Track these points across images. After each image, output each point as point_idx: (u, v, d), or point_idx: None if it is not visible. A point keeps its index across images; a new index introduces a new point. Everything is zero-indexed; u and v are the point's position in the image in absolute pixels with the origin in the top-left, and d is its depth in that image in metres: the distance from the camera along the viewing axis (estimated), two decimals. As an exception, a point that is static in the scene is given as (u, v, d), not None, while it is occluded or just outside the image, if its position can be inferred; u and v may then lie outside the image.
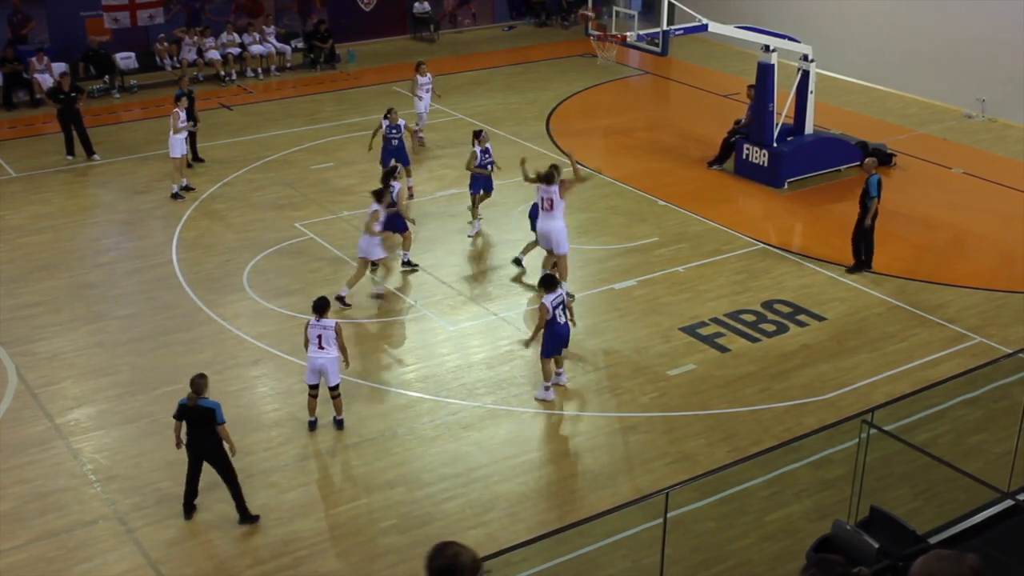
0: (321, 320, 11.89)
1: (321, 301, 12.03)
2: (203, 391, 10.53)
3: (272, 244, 16.91)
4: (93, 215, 18.52)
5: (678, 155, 21.14)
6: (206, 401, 10.50)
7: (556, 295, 12.48)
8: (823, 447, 11.71)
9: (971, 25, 23.29)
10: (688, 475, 11.15)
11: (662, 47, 19.01)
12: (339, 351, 11.99)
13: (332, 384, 12.08)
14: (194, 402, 10.47)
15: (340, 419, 12.26)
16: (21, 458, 11.65)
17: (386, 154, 18.16)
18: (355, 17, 29.59)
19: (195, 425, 10.54)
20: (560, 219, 14.79)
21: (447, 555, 5.13)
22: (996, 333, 14.31)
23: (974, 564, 4.17)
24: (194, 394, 10.49)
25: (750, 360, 13.68)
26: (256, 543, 10.39)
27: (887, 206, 18.58)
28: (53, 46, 25.09)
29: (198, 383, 10.55)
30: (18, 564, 10.08)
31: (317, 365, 11.95)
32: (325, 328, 11.88)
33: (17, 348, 13.86)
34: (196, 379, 10.60)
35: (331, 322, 11.98)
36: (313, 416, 12.21)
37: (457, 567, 5.10)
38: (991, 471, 10.97)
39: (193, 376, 10.61)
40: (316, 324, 11.89)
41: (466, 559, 5.12)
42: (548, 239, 14.91)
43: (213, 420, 10.44)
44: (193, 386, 10.53)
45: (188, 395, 10.52)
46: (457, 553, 5.13)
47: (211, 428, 10.46)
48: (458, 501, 11.00)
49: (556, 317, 12.45)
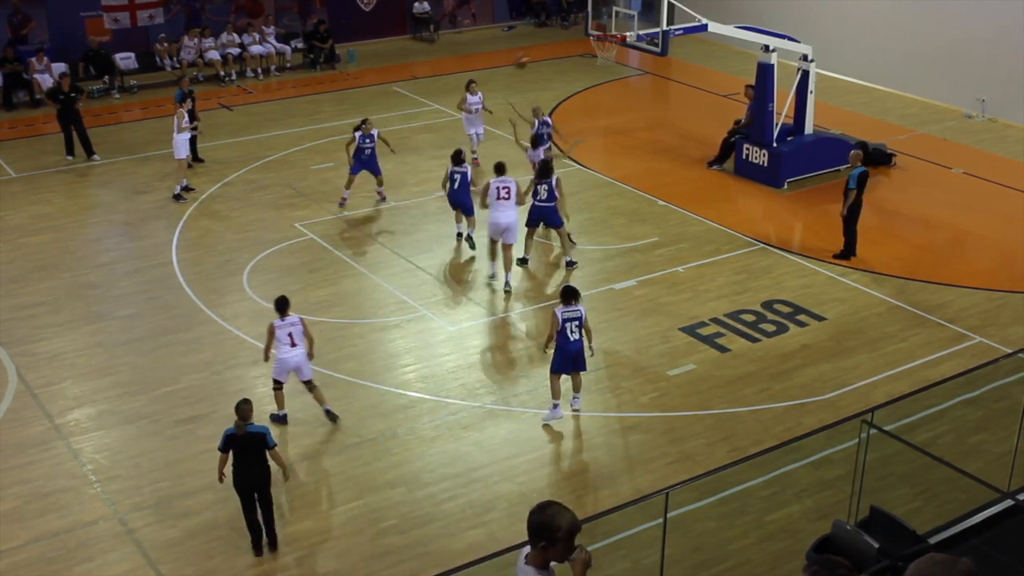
0: (286, 318, 11.94)
1: (282, 300, 12.07)
2: (250, 416, 9.97)
3: (272, 244, 16.92)
4: (93, 215, 18.53)
5: (678, 155, 21.15)
6: (255, 427, 10.01)
7: (571, 308, 11.89)
8: (823, 447, 11.71)
9: (971, 25, 23.29)
10: (688, 475, 11.15)
11: (662, 47, 19.00)
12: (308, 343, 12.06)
13: (307, 378, 12.14)
14: (243, 430, 9.91)
15: (330, 408, 12.33)
16: (21, 458, 11.66)
17: (358, 163, 17.97)
18: (355, 17, 29.60)
19: (245, 454, 9.95)
20: (516, 210, 15.18)
21: (547, 514, 5.43)
22: (996, 333, 14.31)
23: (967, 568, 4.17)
24: (242, 421, 9.90)
25: (750, 360, 13.68)
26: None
27: (887, 206, 18.65)
28: (53, 46, 25.10)
29: (244, 409, 9.94)
30: (18, 564, 10.08)
31: (292, 364, 11.99)
32: (293, 325, 11.95)
33: (17, 348, 13.87)
34: (242, 405, 9.97)
35: (296, 317, 12.06)
36: (284, 409, 12.26)
37: (553, 526, 5.37)
38: (991, 471, 10.98)
39: (238, 403, 10.03)
40: (283, 323, 11.92)
41: (563, 520, 5.39)
42: (510, 230, 15.17)
43: (264, 446, 9.98)
44: (240, 413, 9.93)
45: (235, 423, 9.92)
46: (555, 513, 5.41)
47: (262, 455, 9.98)
48: (458, 501, 11.00)
49: (567, 332, 11.88)
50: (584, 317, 12.01)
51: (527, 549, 5.66)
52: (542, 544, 5.43)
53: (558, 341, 11.98)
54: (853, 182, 16.06)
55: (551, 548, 5.43)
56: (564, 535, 5.38)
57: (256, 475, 10.03)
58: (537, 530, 5.43)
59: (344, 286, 15.61)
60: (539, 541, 5.44)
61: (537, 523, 5.43)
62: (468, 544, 10.31)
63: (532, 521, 5.45)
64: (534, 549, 5.52)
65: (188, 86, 20.01)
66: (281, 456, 10.35)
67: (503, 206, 15.12)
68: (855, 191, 16.06)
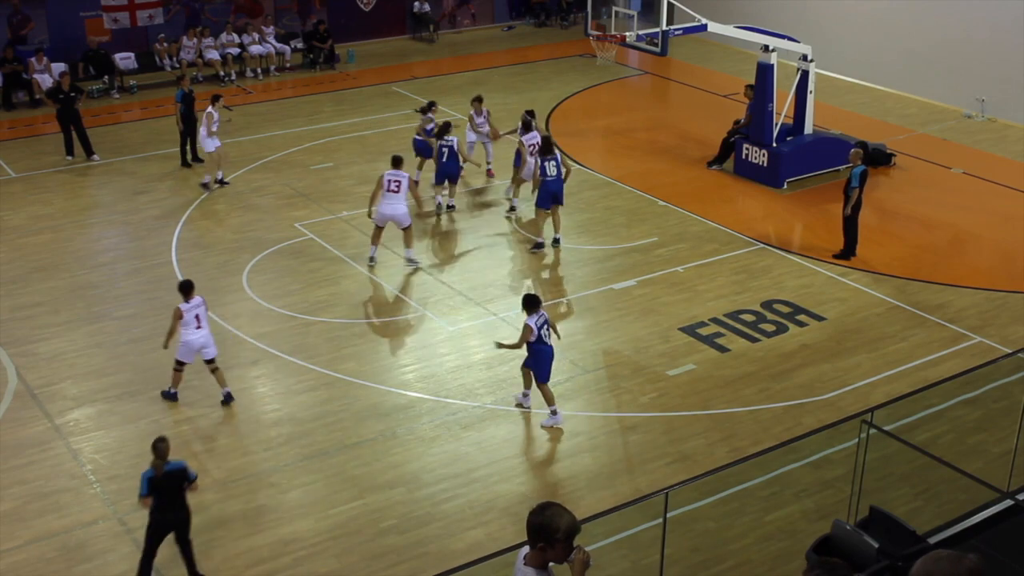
0: (192, 300, 12.41)
1: (186, 283, 12.54)
2: (166, 455, 9.46)
3: (272, 244, 16.91)
4: (93, 215, 18.52)
5: (678, 155, 21.15)
6: (172, 464, 9.49)
7: (540, 316, 11.98)
8: (823, 447, 11.72)
9: (970, 25, 23.30)
10: (688, 475, 11.16)
11: (661, 47, 19.01)
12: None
13: (212, 357, 12.57)
14: (161, 470, 9.41)
15: (228, 391, 12.64)
16: (21, 458, 11.65)
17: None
18: (354, 17, 29.60)
19: (165, 495, 9.43)
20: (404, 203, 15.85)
21: (546, 515, 5.46)
22: (996, 333, 14.32)
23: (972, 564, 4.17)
24: (159, 460, 9.40)
25: (750, 360, 13.68)
26: (256, 543, 10.39)
27: (887, 206, 18.65)
28: (53, 46, 25.10)
29: (161, 448, 9.44)
30: (18, 564, 10.08)
31: (198, 345, 12.44)
32: (198, 307, 12.44)
33: (17, 348, 13.86)
34: (158, 444, 9.46)
35: (200, 299, 12.53)
36: (175, 388, 12.65)
37: (552, 527, 5.40)
38: (991, 471, 10.98)
39: (155, 441, 9.54)
40: (188, 306, 12.38)
41: (562, 522, 5.41)
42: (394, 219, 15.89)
43: (184, 480, 9.51)
44: (156, 451, 9.43)
45: (152, 463, 9.41)
46: (555, 514, 5.44)
47: (182, 494, 9.52)
48: (458, 501, 11.00)
49: (543, 338, 11.99)
50: (548, 318, 12.21)
51: (526, 549, 5.66)
52: (541, 545, 5.44)
53: (540, 349, 11.98)
54: (856, 180, 16.06)
55: (550, 549, 5.44)
56: (563, 536, 5.39)
57: (178, 517, 9.61)
58: (536, 531, 5.44)
59: (344, 286, 15.60)
60: (538, 542, 5.45)
61: (536, 524, 5.43)
62: (468, 544, 10.32)
63: (531, 522, 5.46)
64: (533, 549, 5.52)
65: (189, 86, 20.01)
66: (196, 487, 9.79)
67: (394, 198, 15.81)
68: (857, 189, 16.07)
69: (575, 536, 5.43)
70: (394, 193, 15.78)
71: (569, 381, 13.20)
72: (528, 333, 11.87)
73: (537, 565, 5.56)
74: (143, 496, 9.49)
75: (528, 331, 11.87)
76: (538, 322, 11.92)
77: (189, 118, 19.85)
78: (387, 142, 21.65)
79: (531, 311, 11.95)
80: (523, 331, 11.97)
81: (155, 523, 9.57)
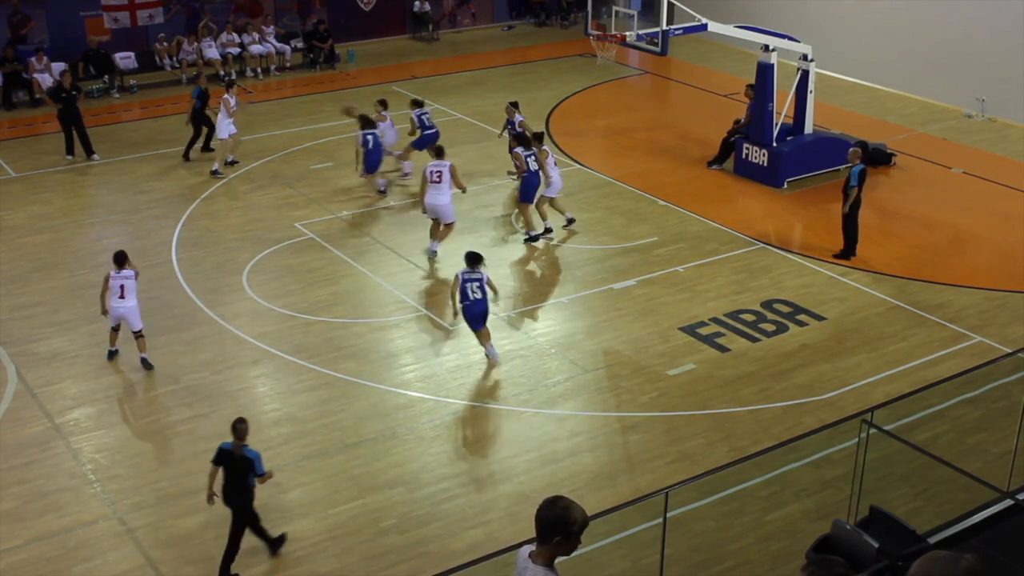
0: (121, 272, 13.04)
1: (120, 253, 13.16)
2: (245, 437, 9.73)
3: (272, 244, 16.91)
4: (93, 215, 18.52)
5: (678, 155, 21.15)
6: (248, 451, 9.77)
7: (473, 272, 13.10)
8: (823, 447, 11.71)
9: (970, 25, 23.30)
10: (687, 475, 11.16)
11: (661, 47, 19.00)
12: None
13: (136, 329, 13.17)
14: (239, 451, 9.72)
15: (145, 357, 13.23)
16: (21, 458, 11.65)
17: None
18: (354, 17, 29.60)
19: (231, 475, 9.80)
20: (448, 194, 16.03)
21: (558, 507, 5.42)
22: (996, 333, 14.32)
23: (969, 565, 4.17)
24: (238, 441, 9.71)
25: (750, 360, 13.68)
26: (256, 543, 10.38)
27: (887, 206, 18.65)
28: (53, 46, 25.10)
29: (240, 429, 9.71)
30: (18, 564, 10.08)
31: (119, 314, 13.08)
32: (126, 279, 13.03)
33: (17, 348, 13.86)
34: (238, 424, 9.73)
35: (131, 272, 13.13)
36: (114, 347, 13.40)
37: (569, 519, 5.37)
38: (991, 471, 10.98)
39: (235, 422, 9.78)
40: (117, 276, 13.02)
41: (577, 513, 5.39)
42: (437, 212, 16.14)
43: (250, 472, 9.76)
44: (236, 432, 9.72)
45: (233, 443, 9.74)
46: (568, 507, 5.40)
47: (247, 480, 9.77)
48: (458, 501, 11.00)
49: (467, 293, 13.00)
50: (486, 278, 13.17)
51: (528, 548, 5.63)
52: (557, 539, 5.39)
53: (462, 302, 13.08)
54: (855, 179, 16.08)
55: (565, 542, 5.39)
56: (579, 528, 5.36)
57: (234, 502, 9.83)
58: (552, 524, 5.38)
59: (344, 286, 15.60)
60: (554, 535, 5.39)
61: (552, 518, 5.37)
62: (468, 544, 10.32)
63: (545, 516, 5.39)
64: (546, 544, 5.45)
65: (205, 83, 20.23)
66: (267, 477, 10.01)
67: (435, 190, 16.00)
68: (856, 188, 16.09)
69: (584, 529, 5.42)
70: (436, 184, 15.99)
71: (569, 381, 13.20)
72: (454, 283, 13.21)
73: (547, 561, 5.52)
74: (212, 463, 9.85)
75: (455, 281, 13.20)
76: (465, 276, 13.11)
77: (202, 115, 20.02)
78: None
79: (468, 265, 13.22)
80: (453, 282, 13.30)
81: (224, 496, 9.90)
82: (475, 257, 13.29)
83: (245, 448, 9.74)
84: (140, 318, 13.21)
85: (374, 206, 18.42)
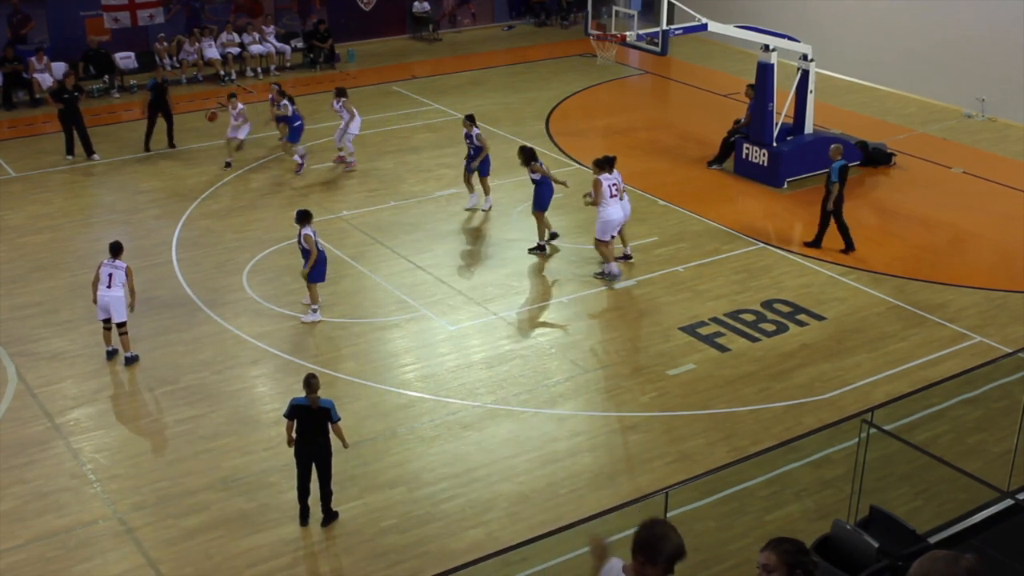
0: (114, 261, 13.20)
1: (115, 244, 13.37)
2: (317, 390, 10.31)
3: (272, 244, 16.91)
4: (93, 215, 18.52)
5: (678, 155, 21.15)
6: (324, 401, 10.36)
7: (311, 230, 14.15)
8: (823, 447, 11.71)
9: (970, 24, 23.30)
10: (688, 475, 11.16)
11: (662, 47, 19.00)
12: (129, 293, 13.22)
13: (119, 321, 13.26)
14: (316, 404, 10.26)
15: (129, 355, 13.31)
16: (21, 458, 11.65)
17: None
18: (354, 17, 29.60)
19: (308, 426, 10.30)
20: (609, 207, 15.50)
21: (654, 533, 5.35)
22: (996, 333, 14.32)
23: (969, 564, 4.17)
24: (313, 395, 10.25)
25: (750, 360, 13.68)
26: (256, 543, 10.39)
27: (887, 206, 18.66)
28: (53, 46, 25.10)
29: (313, 383, 10.28)
30: (18, 564, 10.08)
31: (104, 302, 13.17)
32: (116, 268, 13.17)
33: (17, 348, 13.86)
34: (311, 380, 10.31)
35: (123, 264, 13.25)
36: (109, 346, 13.47)
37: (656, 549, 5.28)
38: (991, 471, 10.98)
39: (307, 377, 10.37)
40: (108, 264, 13.19)
41: (668, 546, 5.28)
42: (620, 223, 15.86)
43: (328, 419, 10.32)
44: (308, 387, 10.26)
45: (308, 397, 10.26)
46: (662, 535, 5.32)
47: (324, 428, 10.32)
48: (458, 501, 11.00)
49: (318, 245, 14.16)
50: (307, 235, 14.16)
51: (620, 562, 5.58)
52: (641, 560, 5.36)
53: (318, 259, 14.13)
54: (835, 175, 16.20)
55: (650, 567, 5.34)
56: (664, 560, 5.29)
57: (317, 450, 10.34)
58: (640, 545, 5.34)
59: (344, 286, 15.60)
60: (639, 556, 5.36)
61: (642, 539, 5.34)
62: (468, 544, 10.32)
63: (638, 534, 5.36)
64: (636, 561, 5.42)
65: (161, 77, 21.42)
66: (342, 430, 10.57)
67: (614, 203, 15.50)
68: (837, 184, 16.18)
69: (678, 562, 5.31)
70: (615, 198, 15.47)
71: (569, 381, 13.20)
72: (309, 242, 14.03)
73: None
74: (285, 417, 10.40)
75: (309, 241, 14.03)
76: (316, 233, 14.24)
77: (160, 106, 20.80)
78: (387, 142, 21.70)
79: (303, 224, 14.23)
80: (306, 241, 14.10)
81: (298, 452, 10.39)
82: (302, 214, 14.44)
83: (321, 400, 10.30)
84: (125, 310, 13.27)
85: (374, 206, 18.41)
